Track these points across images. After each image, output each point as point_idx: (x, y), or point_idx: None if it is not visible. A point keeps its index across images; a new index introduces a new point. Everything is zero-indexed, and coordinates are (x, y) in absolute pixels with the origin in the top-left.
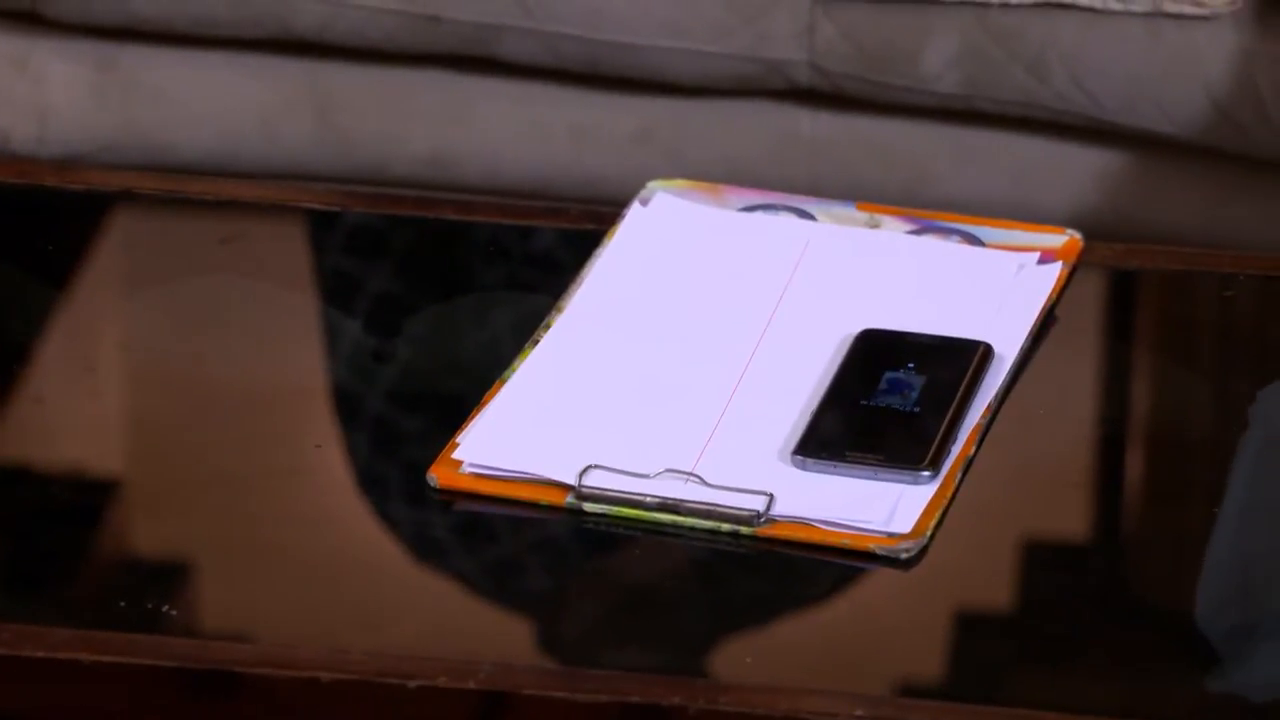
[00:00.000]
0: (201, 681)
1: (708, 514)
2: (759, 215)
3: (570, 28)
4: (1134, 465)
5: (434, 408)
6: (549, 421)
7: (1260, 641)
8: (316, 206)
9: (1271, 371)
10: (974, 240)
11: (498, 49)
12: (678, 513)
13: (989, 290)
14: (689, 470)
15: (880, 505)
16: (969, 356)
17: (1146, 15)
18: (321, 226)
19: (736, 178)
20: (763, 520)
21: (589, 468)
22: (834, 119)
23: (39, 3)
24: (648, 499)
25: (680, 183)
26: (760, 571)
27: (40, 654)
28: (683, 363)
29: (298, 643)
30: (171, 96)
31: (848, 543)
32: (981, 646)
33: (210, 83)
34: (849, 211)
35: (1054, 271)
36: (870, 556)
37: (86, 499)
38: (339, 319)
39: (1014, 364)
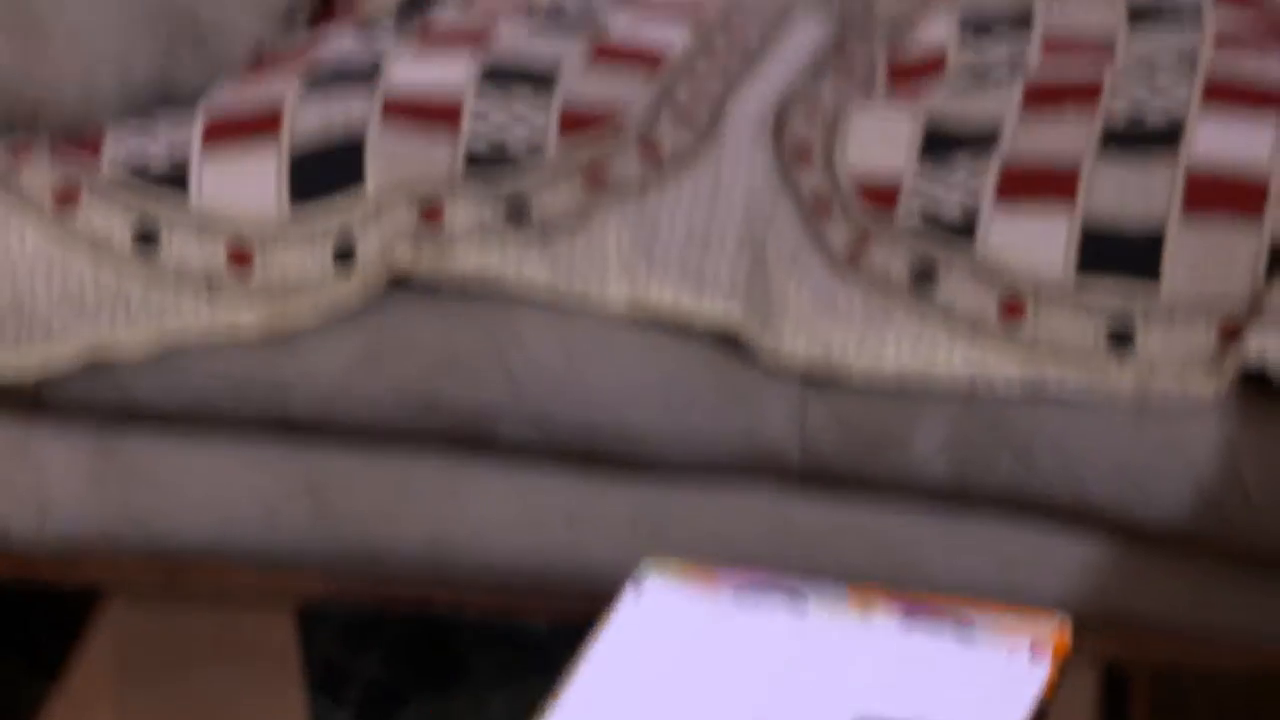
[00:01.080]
0: None
1: None
2: (751, 605)
3: (563, 409)
4: None
5: None
6: None
7: None
8: (313, 595)
9: None
10: (965, 627)
11: (493, 431)
12: None
13: (978, 686)
14: None
15: None
16: None
17: (1133, 405)
18: (317, 616)
19: (730, 559)
20: None
21: None
22: (825, 502)
23: (43, 387)
24: None
25: (674, 567)
26: None
27: None
28: None
29: None
30: (170, 484)
31: None
32: None
33: (209, 470)
34: (841, 596)
35: (1044, 667)
36: None
37: None
38: (331, 709)
39: None
